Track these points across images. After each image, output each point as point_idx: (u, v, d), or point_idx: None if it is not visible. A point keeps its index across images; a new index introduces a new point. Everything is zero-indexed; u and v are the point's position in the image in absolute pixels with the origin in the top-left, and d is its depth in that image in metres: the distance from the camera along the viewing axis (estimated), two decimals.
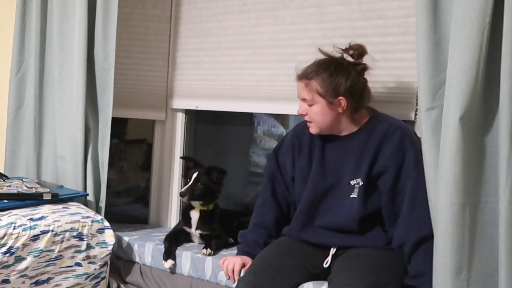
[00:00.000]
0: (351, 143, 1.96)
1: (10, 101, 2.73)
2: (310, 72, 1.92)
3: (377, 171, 1.90)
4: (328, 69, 1.90)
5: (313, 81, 1.90)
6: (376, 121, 1.95)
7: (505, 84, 1.51)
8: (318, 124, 1.95)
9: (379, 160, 1.89)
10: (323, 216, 1.98)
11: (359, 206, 1.90)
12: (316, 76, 1.90)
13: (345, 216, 1.92)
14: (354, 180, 1.92)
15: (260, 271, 1.89)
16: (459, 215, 1.60)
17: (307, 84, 1.92)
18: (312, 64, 1.95)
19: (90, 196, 2.52)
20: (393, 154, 1.87)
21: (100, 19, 2.48)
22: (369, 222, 1.92)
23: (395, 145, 1.88)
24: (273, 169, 2.17)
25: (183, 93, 2.74)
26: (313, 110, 1.93)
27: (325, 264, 1.94)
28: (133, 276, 2.44)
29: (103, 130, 2.53)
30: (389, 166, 1.87)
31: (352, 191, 1.92)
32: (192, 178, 2.31)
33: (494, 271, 1.59)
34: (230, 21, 2.56)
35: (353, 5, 2.21)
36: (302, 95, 1.94)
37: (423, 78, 1.68)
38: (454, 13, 1.61)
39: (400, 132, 1.89)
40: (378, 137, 1.90)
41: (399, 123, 1.94)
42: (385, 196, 1.89)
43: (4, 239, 2.06)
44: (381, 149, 1.89)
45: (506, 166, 1.52)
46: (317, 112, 1.92)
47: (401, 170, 1.86)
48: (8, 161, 2.75)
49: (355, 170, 1.93)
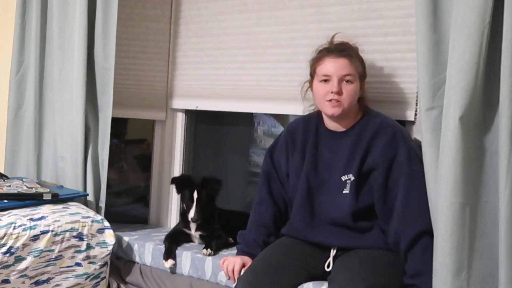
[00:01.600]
0: (344, 139, 1.97)
1: (10, 101, 2.73)
2: (352, 50, 1.97)
3: (368, 167, 1.90)
4: (357, 52, 1.99)
5: (356, 60, 1.95)
6: (369, 118, 1.97)
7: (505, 84, 1.51)
8: (348, 103, 1.93)
9: (370, 156, 1.90)
10: (320, 211, 1.99)
11: (351, 201, 1.91)
12: (357, 56, 1.97)
13: (338, 211, 1.93)
14: (346, 175, 1.93)
15: (260, 271, 1.88)
16: (459, 215, 1.60)
17: (351, 61, 1.93)
18: (341, 44, 1.99)
19: (90, 196, 2.52)
20: (384, 151, 1.88)
21: (100, 19, 2.48)
22: (365, 218, 1.92)
23: (386, 141, 1.88)
24: (268, 168, 2.17)
25: (183, 93, 2.74)
26: (350, 88, 1.92)
27: (326, 268, 1.94)
28: (133, 276, 2.44)
29: (103, 130, 2.53)
30: (380, 162, 1.88)
31: (344, 187, 1.93)
32: (195, 199, 2.29)
33: (494, 271, 1.59)
34: (230, 21, 2.56)
35: (353, 5, 2.21)
36: (344, 72, 1.92)
37: (423, 78, 1.69)
38: (454, 13, 1.61)
39: (392, 129, 1.90)
40: (370, 133, 1.92)
41: (391, 121, 1.96)
42: (377, 192, 1.89)
43: (4, 239, 2.06)
44: (373, 145, 1.90)
45: (506, 166, 1.52)
46: (352, 91, 1.93)
47: (393, 167, 1.87)
48: (8, 161, 2.75)
49: (346, 165, 1.94)
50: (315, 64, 1.99)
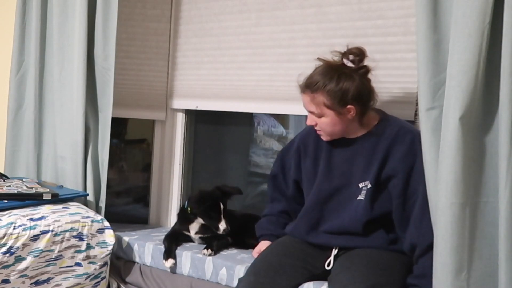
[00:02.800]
0: (360, 146, 1.94)
1: (10, 101, 2.73)
2: (314, 84, 1.86)
3: (386, 174, 1.88)
4: (332, 79, 1.84)
5: (319, 94, 1.85)
6: (386, 123, 1.93)
7: (505, 84, 1.51)
8: (329, 133, 1.93)
9: (388, 163, 1.88)
10: (328, 218, 1.98)
11: (365, 209, 1.89)
12: (321, 88, 1.85)
13: (351, 218, 1.92)
14: (363, 182, 1.91)
15: (261, 271, 1.89)
16: (459, 215, 1.60)
17: (313, 98, 1.87)
18: (314, 74, 1.89)
19: (90, 196, 2.52)
20: (404, 158, 1.85)
21: (100, 19, 2.48)
22: (374, 225, 1.92)
23: (405, 149, 1.85)
24: (276, 171, 2.21)
25: (183, 93, 2.74)
26: (323, 121, 1.90)
27: (327, 266, 1.94)
28: (133, 276, 2.44)
29: (103, 130, 2.53)
30: (399, 169, 1.85)
31: (359, 193, 1.91)
32: (222, 212, 2.27)
33: (494, 271, 1.59)
34: (230, 21, 2.56)
35: (353, 5, 2.21)
36: (309, 109, 1.91)
37: (423, 78, 1.68)
38: (454, 13, 1.61)
39: (410, 136, 1.87)
40: (388, 140, 1.88)
41: (409, 127, 1.93)
42: (396, 200, 1.87)
43: (4, 239, 2.06)
44: (391, 152, 1.87)
45: (506, 166, 1.52)
46: (327, 123, 1.89)
47: (412, 174, 1.84)
48: (8, 161, 2.75)
49: (363, 172, 1.91)
50: None
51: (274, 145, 2.79)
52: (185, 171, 2.83)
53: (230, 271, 2.14)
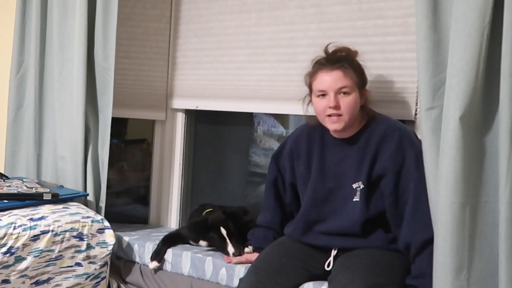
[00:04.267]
0: (351, 146, 1.94)
1: (10, 101, 2.73)
2: (343, 60, 1.86)
3: (377, 174, 1.88)
4: (354, 59, 1.89)
5: (350, 70, 1.85)
6: (374, 122, 1.93)
7: (505, 84, 1.51)
8: (349, 116, 1.86)
9: (378, 162, 1.88)
10: (326, 219, 1.97)
11: (362, 210, 1.89)
12: (352, 64, 1.87)
13: (349, 219, 1.91)
14: (356, 183, 1.91)
15: (261, 272, 1.89)
16: (459, 215, 1.60)
17: (345, 72, 1.85)
18: (335, 52, 1.90)
19: (90, 196, 2.52)
20: (392, 156, 1.85)
21: (100, 19, 2.48)
22: (372, 225, 1.91)
23: (394, 146, 1.85)
24: (275, 174, 2.18)
25: (183, 93, 2.74)
26: (347, 100, 1.85)
27: (327, 267, 1.94)
28: (133, 276, 2.44)
29: (103, 130, 2.53)
30: (389, 168, 1.85)
31: (354, 195, 1.91)
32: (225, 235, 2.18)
33: (494, 271, 1.59)
34: (230, 21, 2.56)
35: (353, 5, 2.21)
36: (341, 83, 1.84)
37: (423, 78, 1.68)
38: (454, 13, 1.61)
39: (398, 133, 1.87)
40: (377, 139, 1.88)
41: (397, 124, 1.93)
42: (388, 198, 1.87)
43: (4, 239, 2.06)
44: (380, 151, 1.87)
45: (506, 166, 1.52)
46: (351, 102, 1.85)
47: (402, 172, 1.84)
48: (8, 161, 2.75)
49: (356, 173, 1.91)
50: (310, 79, 1.93)
51: (274, 145, 2.79)
52: (185, 171, 2.83)
53: (230, 271, 2.14)
